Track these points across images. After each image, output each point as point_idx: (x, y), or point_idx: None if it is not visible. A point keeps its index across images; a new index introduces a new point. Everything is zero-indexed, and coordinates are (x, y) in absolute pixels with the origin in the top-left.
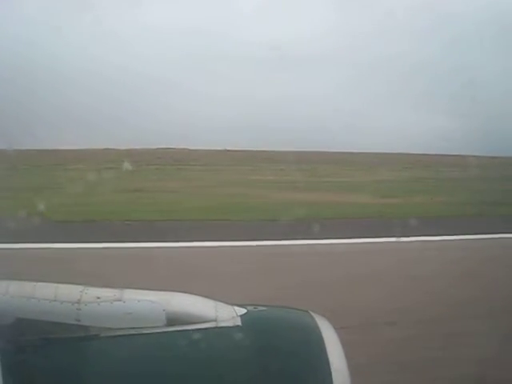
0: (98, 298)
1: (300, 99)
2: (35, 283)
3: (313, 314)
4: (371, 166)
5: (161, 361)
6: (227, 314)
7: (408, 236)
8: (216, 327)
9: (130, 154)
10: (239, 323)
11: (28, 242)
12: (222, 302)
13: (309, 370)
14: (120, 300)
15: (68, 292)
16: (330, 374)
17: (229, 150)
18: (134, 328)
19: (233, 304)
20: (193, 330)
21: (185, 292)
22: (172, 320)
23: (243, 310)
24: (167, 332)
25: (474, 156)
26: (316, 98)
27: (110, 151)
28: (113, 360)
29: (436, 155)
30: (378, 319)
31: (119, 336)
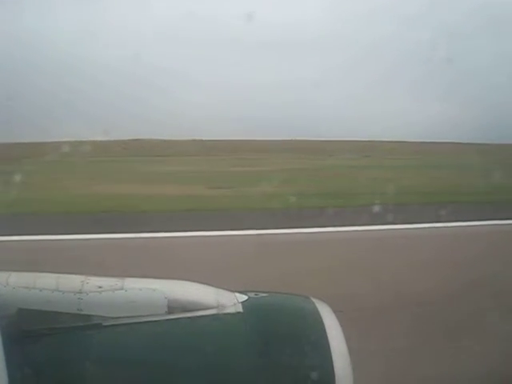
0: (100, 287)
1: (285, 85)
2: (36, 273)
3: (313, 299)
4: (331, 155)
5: (163, 348)
6: (229, 301)
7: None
8: (218, 314)
9: (95, 146)
10: (240, 310)
11: None
12: (223, 288)
13: (310, 355)
14: (122, 289)
15: (69, 282)
16: (330, 358)
17: (203, 140)
18: (136, 316)
19: (234, 291)
20: (195, 317)
21: (186, 280)
22: (174, 307)
23: (244, 297)
24: (169, 320)
25: (468, 143)
26: (301, 84)
27: (74, 143)
28: (115, 348)
29: (424, 143)
30: None
31: (121, 324)
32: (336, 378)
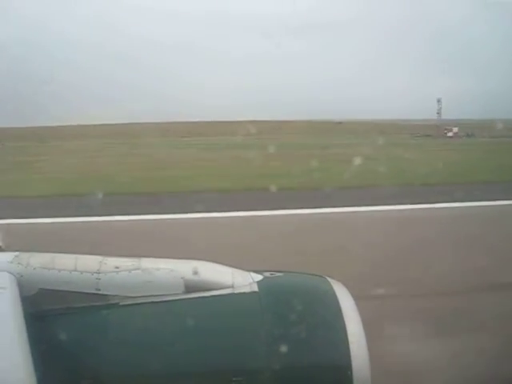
0: (117, 267)
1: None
2: (55, 254)
3: (329, 279)
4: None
5: (180, 327)
6: (244, 281)
7: None
8: (233, 293)
9: None
10: (256, 289)
11: None
12: (238, 268)
13: (325, 335)
14: (138, 269)
15: (87, 262)
16: (346, 338)
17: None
18: (152, 296)
19: (249, 270)
20: (210, 296)
21: (202, 260)
22: (190, 287)
23: (260, 277)
24: (186, 299)
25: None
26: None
27: None
28: (133, 327)
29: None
30: None
31: (138, 304)
32: (352, 357)
